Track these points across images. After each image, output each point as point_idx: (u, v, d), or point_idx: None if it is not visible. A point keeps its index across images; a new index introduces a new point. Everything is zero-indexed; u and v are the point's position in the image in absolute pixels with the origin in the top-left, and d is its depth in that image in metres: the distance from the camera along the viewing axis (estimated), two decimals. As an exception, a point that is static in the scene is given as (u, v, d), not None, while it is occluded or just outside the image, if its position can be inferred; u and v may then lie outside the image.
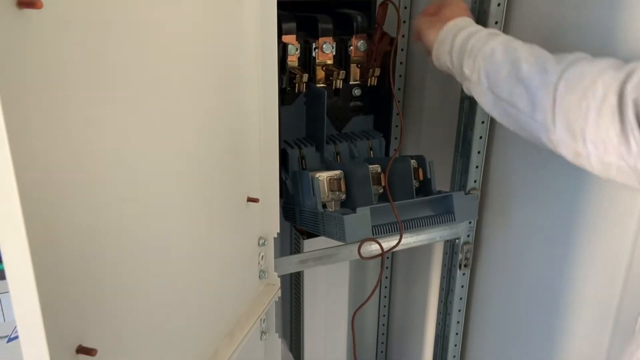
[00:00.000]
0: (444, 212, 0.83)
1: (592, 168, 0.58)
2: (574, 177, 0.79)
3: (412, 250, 1.23)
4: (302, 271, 1.08)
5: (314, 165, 0.96)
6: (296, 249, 1.08)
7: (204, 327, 0.66)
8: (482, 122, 0.91)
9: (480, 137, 0.91)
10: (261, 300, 0.80)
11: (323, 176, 0.86)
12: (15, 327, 0.62)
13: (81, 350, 0.43)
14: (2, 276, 0.64)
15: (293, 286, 1.15)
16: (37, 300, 0.37)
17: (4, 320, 0.67)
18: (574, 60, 0.59)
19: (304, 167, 0.95)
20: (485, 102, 0.69)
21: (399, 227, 0.79)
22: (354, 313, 0.85)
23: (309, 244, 1.04)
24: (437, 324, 1.11)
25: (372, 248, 0.88)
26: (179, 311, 0.59)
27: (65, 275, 0.40)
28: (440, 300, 1.09)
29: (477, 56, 0.68)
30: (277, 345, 0.85)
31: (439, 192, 0.88)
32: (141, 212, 0.50)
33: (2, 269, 0.63)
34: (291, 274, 1.11)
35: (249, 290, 0.78)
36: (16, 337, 0.63)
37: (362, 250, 0.85)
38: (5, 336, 0.67)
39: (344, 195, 0.88)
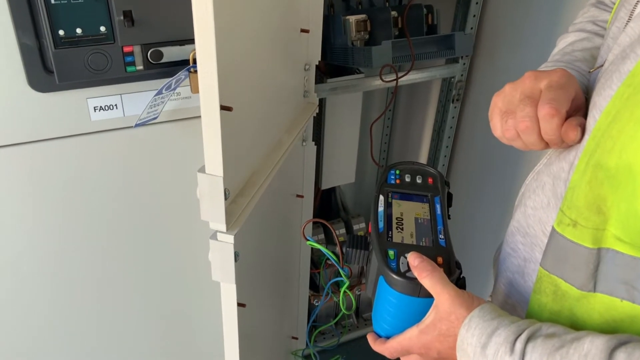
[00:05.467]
0: (446, 49, 1.07)
1: None
2: (555, 24, 1.02)
3: (412, 88, 1.48)
4: (325, 99, 1.32)
5: (341, 12, 1.16)
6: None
7: (276, 121, 0.91)
8: (481, -23, 1.11)
9: (479, -10, 1.12)
10: (304, 113, 1.05)
11: (352, 18, 1.08)
12: (141, 116, 0.86)
13: (223, 107, 0.67)
14: (127, 79, 0.87)
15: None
16: (216, 73, 0.60)
17: (124, 115, 0.92)
18: None
19: (333, 13, 1.16)
20: None
21: (412, 57, 1.03)
22: (371, 124, 1.12)
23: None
24: (430, 148, 1.39)
25: (388, 78, 1.13)
26: (268, 108, 0.84)
27: (224, 61, 0.63)
28: (434, 130, 1.36)
29: None
30: (313, 150, 1.12)
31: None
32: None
33: (133, 71, 0.86)
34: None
35: (297, 104, 1.02)
36: (140, 124, 0.88)
37: (380, 78, 1.09)
38: (127, 127, 0.92)
39: (368, 35, 1.10)
